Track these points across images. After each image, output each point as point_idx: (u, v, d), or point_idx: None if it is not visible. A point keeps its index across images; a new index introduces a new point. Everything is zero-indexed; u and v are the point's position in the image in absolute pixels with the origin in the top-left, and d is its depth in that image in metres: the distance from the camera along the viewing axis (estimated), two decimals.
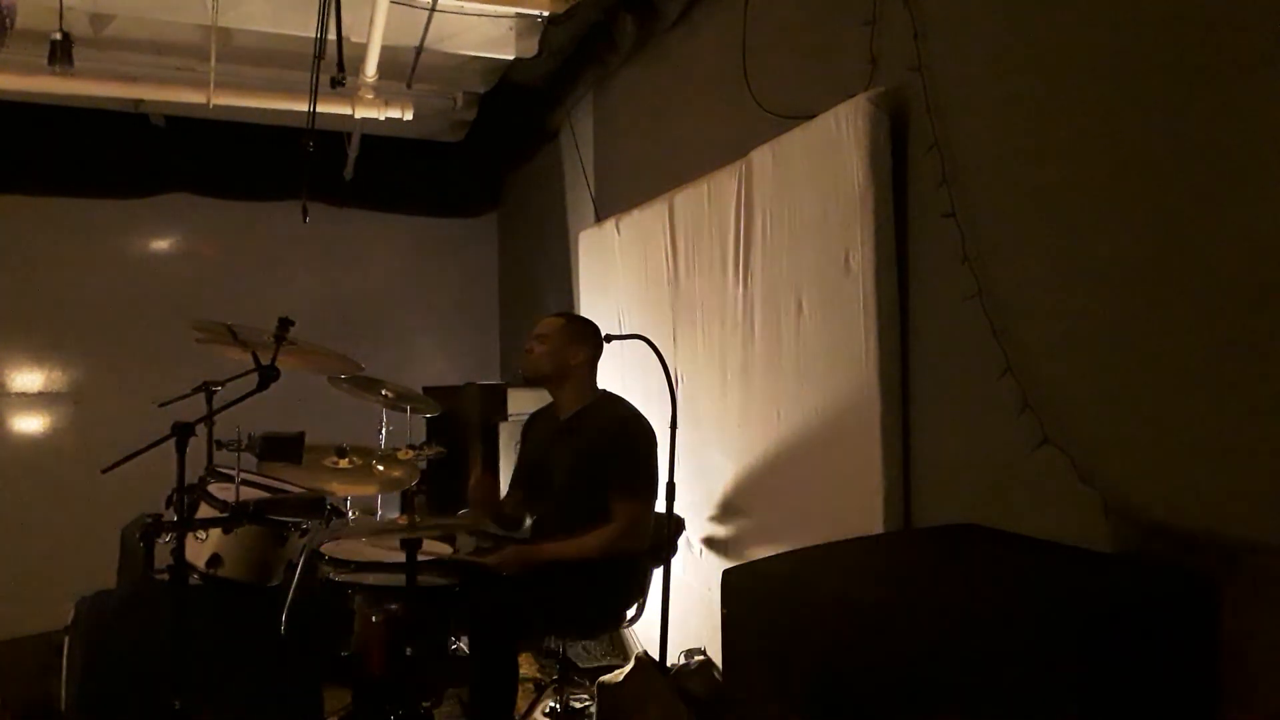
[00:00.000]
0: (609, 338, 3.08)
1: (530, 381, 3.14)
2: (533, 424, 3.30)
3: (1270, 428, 1.51)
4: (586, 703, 3.30)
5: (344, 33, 3.00)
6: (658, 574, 2.95)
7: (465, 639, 3.08)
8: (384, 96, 4.52)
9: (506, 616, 2.68)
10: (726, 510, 3.13)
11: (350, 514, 3.37)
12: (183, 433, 2.28)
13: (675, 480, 2.91)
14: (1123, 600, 1.48)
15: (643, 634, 3.53)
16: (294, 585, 2.81)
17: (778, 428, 2.77)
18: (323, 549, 2.90)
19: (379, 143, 5.56)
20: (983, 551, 1.83)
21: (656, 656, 2.88)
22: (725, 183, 3.06)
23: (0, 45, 3.57)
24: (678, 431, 2.93)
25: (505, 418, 4.27)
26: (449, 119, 5.67)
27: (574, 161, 4.86)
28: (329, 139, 5.07)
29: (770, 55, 3.02)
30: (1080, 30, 1.87)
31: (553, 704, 3.24)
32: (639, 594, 3.04)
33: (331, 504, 3.02)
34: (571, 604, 2.84)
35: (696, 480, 3.23)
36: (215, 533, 2.69)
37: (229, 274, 5.85)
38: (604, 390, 3.11)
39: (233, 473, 2.77)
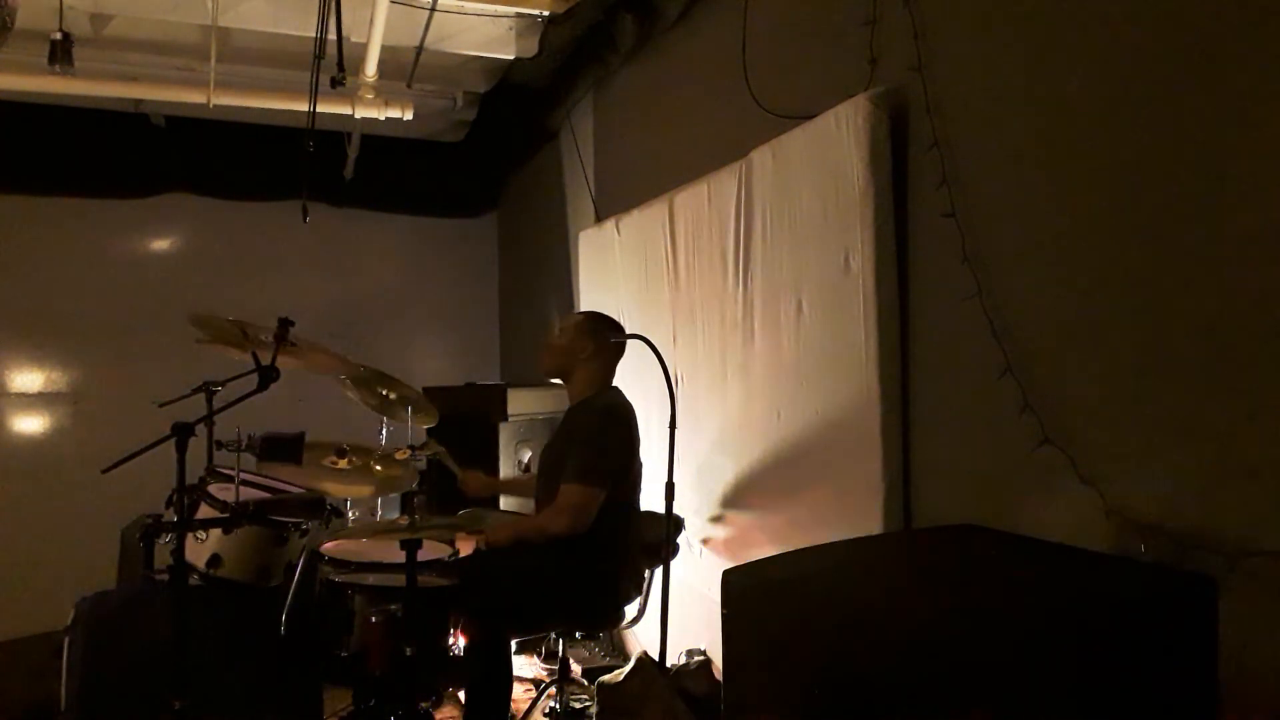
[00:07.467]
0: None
1: (546, 373, 3.23)
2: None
3: (1270, 428, 1.51)
4: (586, 703, 3.30)
5: (344, 33, 3.01)
6: (658, 574, 2.95)
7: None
8: (384, 96, 4.52)
9: (494, 610, 2.70)
10: (726, 510, 3.13)
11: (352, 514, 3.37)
12: (183, 433, 2.28)
13: (675, 480, 2.91)
14: (1123, 600, 1.47)
15: (643, 634, 3.53)
16: (294, 585, 2.81)
17: (778, 428, 2.77)
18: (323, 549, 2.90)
19: (379, 143, 5.55)
20: (983, 551, 1.83)
21: (656, 656, 2.88)
22: (725, 183, 3.05)
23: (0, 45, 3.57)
24: (677, 431, 2.93)
25: (505, 418, 4.27)
26: (449, 119, 5.67)
27: (574, 161, 4.86)
28: (329, 139, 5.08)
29: (770, 55, 3.02)
30: (1080, 30, 1.87)
31: (553, 704, 3.24)
32: (634, 589, 3.05)
33: (331, 504, 3.02)
34: (560, 597, 2.85)
35: (696, 480, 3.23)
36: (215, 533, 2.69)
37: (229, 274, 5.84)
38: (612, 387, 3.13)
39: (233, 473, 2.77)
